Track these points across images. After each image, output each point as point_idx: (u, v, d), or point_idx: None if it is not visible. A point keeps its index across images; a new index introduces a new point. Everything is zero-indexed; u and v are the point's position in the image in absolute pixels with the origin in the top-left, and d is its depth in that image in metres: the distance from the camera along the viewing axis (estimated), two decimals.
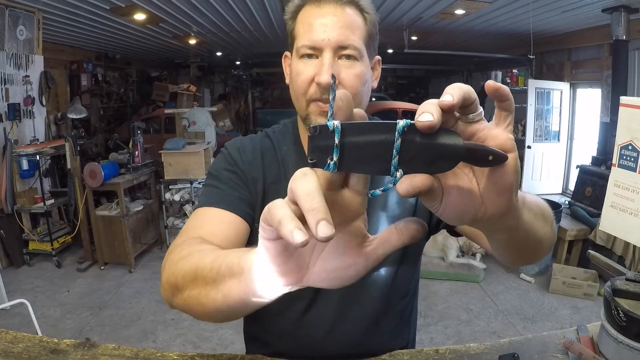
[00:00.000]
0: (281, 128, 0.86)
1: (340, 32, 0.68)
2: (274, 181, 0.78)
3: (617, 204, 0.78)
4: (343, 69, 0.69)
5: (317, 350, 0.81)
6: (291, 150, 0.81)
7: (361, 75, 0.71)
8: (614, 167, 0.79)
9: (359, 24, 0.71)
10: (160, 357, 0.78)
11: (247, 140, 0.83)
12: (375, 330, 0.82)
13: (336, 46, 0.68)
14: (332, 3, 0.70)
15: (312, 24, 0.69)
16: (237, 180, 0.77)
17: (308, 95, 0.71)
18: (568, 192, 5.59)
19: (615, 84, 4.23)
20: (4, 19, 3.62)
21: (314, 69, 0.69)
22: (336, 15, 0.69)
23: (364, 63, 0.72)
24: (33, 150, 3.71)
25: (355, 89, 0.70)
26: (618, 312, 0.71)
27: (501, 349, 0.79)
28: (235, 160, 0.79)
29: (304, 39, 0.70)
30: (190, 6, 4.21)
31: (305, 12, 0.72)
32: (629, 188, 0.76)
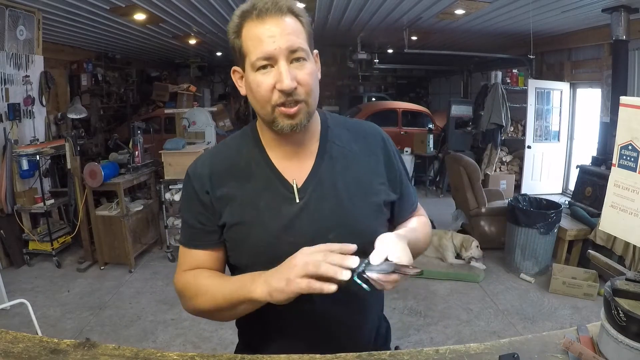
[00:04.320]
0: (240, 134, 0.93)
1: (287, 38, 0.75)
2: (237, 185, 0.85)
3: (617, 204, 0.78)
4: (298, 72, 0.76)
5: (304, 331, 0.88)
6: (252, 150, 0.88)
7: (312, 72, 0.79)
8: (614, 167, 0.79)
9: (299, 28, 0.78)
10: (160, 357, 0.78)
11: (206, 160, 0.89)
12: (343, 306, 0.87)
13: (287, 52, 0.75)
14: (273, 15, 0.76)
15: (260, 38, 0.75)
16: (200, 211, 0.86)
17: (272, 102, 0.77)
18: (568, 192, 5.60)
19: (615, 84, 4.23)
20: (4, 19, 3.63)
21: (272, 78, 0.76)
22: (280, 25, 0.75)
23: (311, 61, 0.80)
24: (33, 150, 3.71)
25: (310, 86, 0.78)
26: (618, 312, 0.71)
27: (501, 349, 0.79)
28: (195, 189, 0.86)
29: (256, 53, 0.76)
30: (190, 6, 4.21)
31: (250, 28, 0.77)
32: (629, 188, 0.76)
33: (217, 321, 0.89)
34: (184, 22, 4.88)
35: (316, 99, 0.81)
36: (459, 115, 6.39)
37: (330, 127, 0.90)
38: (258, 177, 0.85)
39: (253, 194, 0.84)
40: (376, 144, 0.92)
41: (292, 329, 0.88)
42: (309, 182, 0.84)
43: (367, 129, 0.94)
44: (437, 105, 11.35)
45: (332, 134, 0.89)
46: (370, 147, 0.91)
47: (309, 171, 0.85)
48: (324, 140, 0.88)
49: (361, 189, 0.86)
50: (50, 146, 3.89)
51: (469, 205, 4.14)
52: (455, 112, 6.38)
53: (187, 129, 4.90)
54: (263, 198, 0.83)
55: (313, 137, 0.87)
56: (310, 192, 0.84)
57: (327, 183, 0.84)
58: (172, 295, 3.27)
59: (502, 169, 6.12)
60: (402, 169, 0.95)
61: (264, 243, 0.82)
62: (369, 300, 0.91)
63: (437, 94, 12.18)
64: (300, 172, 0.85)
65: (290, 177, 0.84)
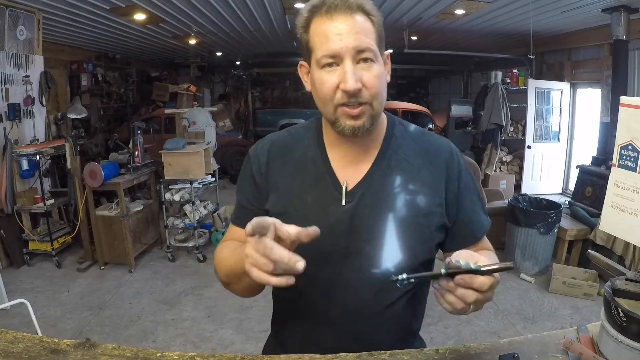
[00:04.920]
0: (306, 124, 0.93)
1: (355, 37, 0.72)
2: (290, 175, 0.85)
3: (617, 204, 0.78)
4: (364, 73, 0.74)
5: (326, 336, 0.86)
6: (312, 143, 0.87)
7: (379, 75, 0.76)
8: (614, 167, 0.79)
9: (369, 27, 0.75)
10: (160, 357, 0.78)
11: (267, 144, 0.90)
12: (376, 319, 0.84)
13: (354, 52, 0.73)
14: (342, 12, 0.73)
15: (327, 35, 0.73)
16: (252, 193, 0.89)
17: (335, 101, 0.75)
18: (568, 192, 5.60)
19: (615, 84, 4.23)
20: (4, 19, 3.62)
21: (337, 77, 0.74)
22: (348, 23, 0.73)
23: (379, 63, 0.76)
24: (33, 150, 3.70)
25: (376, 89, 0.75)
26: (618, 312, 0.70)
27: (501, 349, 0.79)
28: (252, 171, 0.88)
29: (322, 50, 0.74)
30: (190, 6, 4.21)
31: (318, 23, 0.75)
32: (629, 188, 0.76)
33: (241, 296, 0.87)
34: (184, 22, 4.88)
35: (382, 102, 0.78)
36: (459, 115, 6.39)
37: (395, 135, 0.86)
38: (311, 172, 0.84)
39: (302, 187, 0.83)
40: (442, 161, 0.85)
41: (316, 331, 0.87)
42: (359, 187, 0.82)
43: (435, 144, 0.87)
44: (437, 105, 11.35)
45: (396, 142, 0.85)
46: (434, 164, 0.84)
47: (362, 176, 0.82)
48: (385, 147, 0.84)
49: (413, 206, 0.81)
50: (50, 146, 3.89)
51: None
52: (455, 112, 6.38)
53: (187, 129, 4.90)
54: (311, 193, 0.83)
55: (375, 142, 0.84)
56: (358, 197, 0.81)
57: (378, 192, 0.81)
58: (172, 295, 3.28)
59: (502, 169, 6.12)
60: (466, 192, 0.86)
61: None
62: (393, 323, 0.86)
63: (437, 94, 12.19)
64: (354, 175, 0.83)
65: (342, 178, 0.83)
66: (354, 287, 0.82)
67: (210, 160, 4.12)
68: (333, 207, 0.81)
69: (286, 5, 4.46)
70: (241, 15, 4.84)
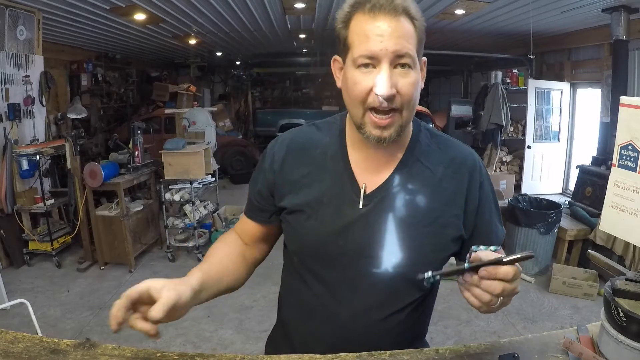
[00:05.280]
0: (330, 121, 0.91)
1: (396, 41, 0.70)
2: (308, 173, 0.84)
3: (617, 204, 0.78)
4: (400, 79, 0.72)
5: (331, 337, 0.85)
6: (334, 141, 0.85)
7: (415, 82, 0.73)
8: (614, 167, 0.79)
9: (411, 32, 0.72)
10: (160, 357, 0.78)
11: (286, 140, 0.89)
12: (381, 322, 0.83)
13: (393, 56, 0.70)
14: (387, 13, 0.70)
15: (368, 35, 0.70)
16: (261, 188, 0.89)
17: (366, 104, 0.73)
18: (568, 192, 5.59)
19: (615, 84, 4.23)
20: (4, 19, 3.62)
21: (372, 79, 0.71)
22: (391, 25, 0.70)
23: (417, 70, 0.74)
24: (33, 150, 3.70)
25: (410, 96, 0.73)
26: (618, 312, 0.70)
27: (501, 349, 0.79)
28: (266, 166, 0.88)
29: (360, 49, 0.71)
30: (190, 6, 4.21)
31: (359, 21, 0.72)
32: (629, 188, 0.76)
33: None
34: (184, 22, 4.88)
35: (413, 111, 0.76)
36: (459, 115, 6.39)
37: (420, 142, 0.84)
38: (330, 171, 0.83)
39: (320, 187, 0.82)
40: (465, 172, 0.83)
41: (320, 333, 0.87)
42: (378, 192, 0.80)
43: (459, 153, 0.85)
44: (437, 105, 11.34)
45: (420, 150, 0.83)
46: (456, 174, 0.83)
47: (383, 181, 0.81)
48: (409, 154, 0.82)
49: (431, 216, 0.80)
50: (50, 146, 3.89)
51: None
52: (455, 112, 6.38)
53: (187, 129, 4.90)
54: (329, 193, 0.81)
55: (400, 147, 0.82)
56: (376, 202, 0.80)
57: (396, 199, 0.79)
58: None
59: (502, 169, 6.12)
60: (486, 205, 0.85)
61: (315, 238, 0.81)
62: (401, 328, 0.86)
63: (437, 94, 12.18)
64: (374, 179, 0.81)
65: (361, 180, 0.81)
66: (364, 290, 0.81)
67: (210, 160, 4.12)
68: (349, 209, 0.80)
69: (286, 5, 4.46)
70: (241, 15, 4.84)
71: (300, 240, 0.85)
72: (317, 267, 0.84)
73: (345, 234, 0.80)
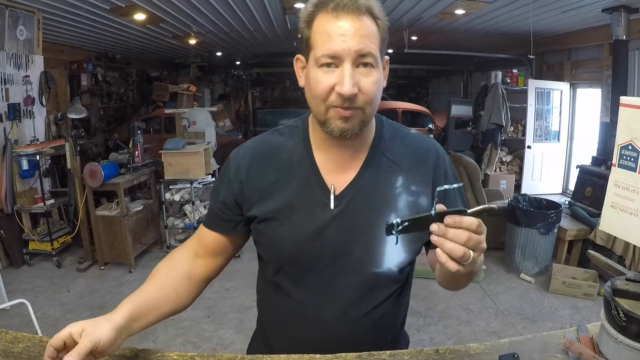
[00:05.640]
0: (290, 125, 0.90)
1: (359, 41, 0.70)
2: (275, 180, 0.83)
3: (617, 204, 0.78)
4: (362, 78, 0.72)
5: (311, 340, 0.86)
6: (298, 145, 0.85)
7: (377, 81, 0.74)
8: (614, 167, 0.79)
9: (374, 31, 0.73)
10: (160, 357, 0.78)
11: (249, 149, 0.88)
12: (356, 319, 0.84)
13: (355, 55, 0.71)
14: (349, 12, 0.71)
15: (330, 34, 0.71)
16: (225, 198, 0.86)
17: (328, 102, 0.73)
18: (568, 192, 5.60)
19: (615, 84, 4.23)
20: (4, 19, 3.62)
21: (334, 78, 0.72)
22: (354, 24, 0.70)
23: (379, 69, 0.74)
24: (33, 150, 3.70)
25: (372, 95, 0.74)
26: (618, 312, 0.70)
27: (501, 349, 0.79)
28: (229, 176, 0.86)
29: (322, 48, 0.71)
30: (190, 6, 4.21)
31: (322, 20, 0.72)
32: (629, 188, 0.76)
33: None
34: (184, 22, 4.88)
35: (375, 108, 0.77)
36: (459, 115, 6.39)
37: (384, 138, 0.85)
38: (298, 175, 0.82)
39: (289, 193, 0.82)
40: (430, 162, 0.85)
41: (301, 334, 0.87)
42: (348, 191, 0.81)
43: (423, 145, 0.87)
44: (437, 105, 11.36)
45: (385, 145, 0.84)
46: (422, 166, 0.85)
47: (351, 180, 0.82)
48: (374, 150, 0.83)
49: (401, 209, 0.81)
50: (50, 146, 3.89)
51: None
52: (455, 112, 6.38)
53: (187, 129, 4.90)
54: (299, 198, 0.81)
55: (364, 145, 0.83)
56: (346, 201, 0.80)
57: (366, 196, 0.81)
58: None
59: (502, 169, 6.12)
60: (450, 192, 0.86)
61: (291, 244, 0.81)
62: (381, 321, 0.87)
63: (437, 94, 12.19)
64: (342, 179, 0.82)
65: (330, 182, 0.81)
66: (343, 289, 0.83)
67: (210, 160, 4.12)
68: (321, 211, 0.80)
69: (286, 5, 4.46)
70: (241, 15, 4.84)
71: (275, 248, 0.84)
72: (295, 272, 0.84)
73: (320, 236, 0.80)
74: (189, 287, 0.88)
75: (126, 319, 0.73)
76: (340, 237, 0.80)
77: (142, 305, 0.78)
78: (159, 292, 0.84)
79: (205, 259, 0.90)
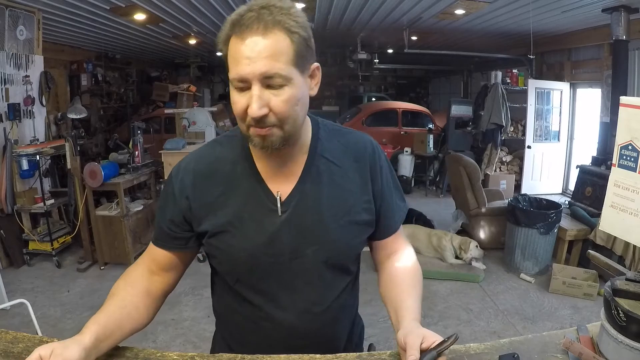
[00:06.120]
0: (229, 135, 0.91)
1: (263, 63, 0.69)
2: (222, 192, 0.84)
3: (617, 204, 0.78)
4: (272, 97, 0.72)
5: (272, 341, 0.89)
6: (239, 155, 0.86)
7: (290, 99, 0.73)
8: (614, 167, 0.79)
9: (284, 47, 0.71)
10: (160, 357, 0.78)
11: (190, 163, 0.87)
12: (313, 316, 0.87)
13: (262, 77, 0.70)
14: (255, 33, 0.69)
15: (237, 58, 0.71)
16: (172, 216, 0.86)
17: (247, 122, 0.75)
18: (568, 192, 5.60)
19: (615, 84, 4.23)
20: (4, 19, 3.63)
21: (247, 100, 0.72)
22: (258, 45, 0.69)
23: (293, 85, 0.73)
24: (33, 150, 3.70)
25: (285, 114, 0.73)
26: (618, 312, 0.70)
27: (501, 349, 0.79)
28: (174, 192, 0.86)
29: (233, 72, 0.72)
30: (190, 6, 4.21)
31: (233, 43, 0.72)
32: (629, 188, 0.76)
33: None
34: (184, 22, 4.88)
35: (296, 123, 0.76)
36: (459, 115, 6.39)
37: (320, 139, 0.87)
38: (243, 187, 0.84)
39: (237, 204, 0.83)
40: (365, 157, 0.88)
41: (261, 331, 0.89)
42: (292, 196, 0.83)
43: (357, 141, 0.90)
44: (437, 105, 11.36)
45: (323, 146, 0.86)
46: (359, 162, 0.88)
47: (294, 185, 0.84)
48: (312, 153, 0.85)
49: (345, 206, 0.85)
50: (50, 146, 3.89)
51: (469, 205, 4.14)
52: (455, 112, 6.38)
53: (187, 129, 4.90)
54: (247, 209, 0.82)
55: (302, 149, 0.84)
56: (293, 206, 0.83)
57: (311, 198, 0.83)
58: (172, 295, 3.25)
59: (502, 169, 6.12)
60: (388, 185, 0.91)
61: (245, 254, 0.83)
62: (340, 312, 0.92)
63: (437, 94, 12.19)
64: (286, 185, 0.83)
65: (275, 189, 0.83)
66: (303, 289, 0.85)
67: None
68: (270, 219, 0.82)
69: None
70: None
71: (230, 260, 0.85)
72: (253, 281, 0.86)
73: (272, 242, 0.82)
74: (148, 304, 0.88)
75: (94, 339, 0.73)
76: (291, 241, 0.82)
77: (107, 325, 0.78)
78: (121, 310, 0.83)
79: (161, 275, 0.90)
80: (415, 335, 0.72)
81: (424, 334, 0.72)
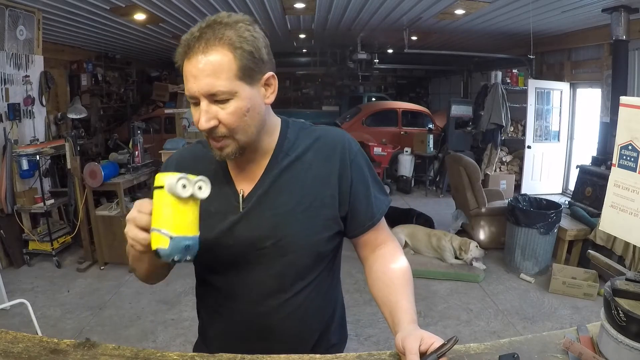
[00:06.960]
0: (205, 140, 0.97)
1: (205, 81, 0.74)
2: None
3: (617, 204, 0.78)
4: (219, 111, 0.77)
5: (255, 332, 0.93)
6: (213, 158, 0.89)
7: (236, 111, 0.77)
8: (614, 167, 0.78)
9: (227, 63, 0.74)
10: (160, 357, 0.78)
11: (174, 159, 0.98)
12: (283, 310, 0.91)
13: (206, 94, 0.75)
14: (197, 52, 0.74)
15: (186, 76, 0.76)
16: None
17: (204, 134, 0.81)
18: (568, 192, 5.60)
19: (615, 84, 4.23)
20: (4, 19, 3.63)
21: (199, 114, 0.78)
22: (200, 64, 0.74)
23: (239, 98, 0.77)
24: (33, 150, 3.71)
25: (233, 125, 0.78)
26: (618, 312, 0.70)
27: (501, 349, 0.79)
28: None
29: (185, 89, 0.78)
30: (190, 6, 4.21)
31: (184, 62, 0.77)
32: (629, 188, 0.76)
33: (145, 282, 0.95)
34: (184, 22, 4.88)
35: (249, 133, 0.81)
36: (459, 115, 6.39)
37: (288, 139, 0.91)
38: (215, 184, 0.86)
39: (208, 199, 0.85)
40: (336, 153, 0.90)
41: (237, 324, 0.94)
42: (253, 193, 0.88)
43: (327, 137, 0.92)
44: (437, 105, 11.36)
45: (288, 145, 0.90)
46: (327, 157, 0.90)
47: (256, 182, 0.89)
48: (277, 151, 0.89)
49: (304, 201, 0.87)
50: (50, 146, 3.89)
51: (469, 205, 4.14)
52: (455, 112, 6.38)
53: (187, 129, 4.90)
54: (214, 204, 0.87)
55: (267, 151, 0.89)
56: (252, 202, 0.88)
57: (271, 194, 0.88)
58: (172, 295, 3.28)
59: (502, 169, 6.12)
60: (360, 180, 0.92)
61: (208, 246, 0.86)
62: (308, 308, 0.93)
63: (437, 94, 12.19)
64: (249, 183, 0.89)
65: (240, 187, 0.89)
66: (264, 282, 0.89)
67: None
68: (232, 214, 0.88)
69: (286, 5, 4.47)
70: None
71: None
72: (218, 271, 0.92)
73: (231, 233, 0.87)
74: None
75: None
76: (249, 233, 0.87)
77: None
78: None
79: None
80: (413, 338, 0.72)
81: (421, 335, 0.72)
